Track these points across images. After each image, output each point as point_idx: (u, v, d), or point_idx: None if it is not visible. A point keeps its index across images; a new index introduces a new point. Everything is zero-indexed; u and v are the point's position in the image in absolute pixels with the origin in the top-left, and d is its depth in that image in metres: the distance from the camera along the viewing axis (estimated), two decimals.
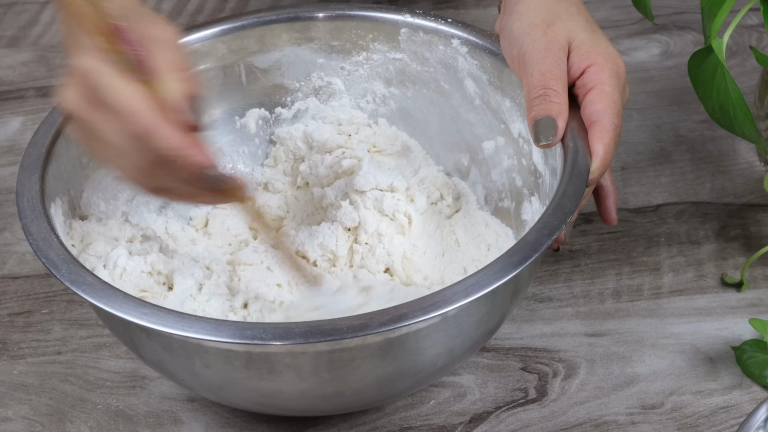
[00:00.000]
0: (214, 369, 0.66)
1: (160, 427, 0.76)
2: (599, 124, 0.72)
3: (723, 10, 0.78)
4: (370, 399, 0.71)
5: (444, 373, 0.74)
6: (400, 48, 0.85)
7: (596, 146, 0.71)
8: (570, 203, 0.68)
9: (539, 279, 0.85)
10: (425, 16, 0.83)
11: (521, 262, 0.65)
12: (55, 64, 1.09)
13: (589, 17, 0.76)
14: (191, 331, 0.62)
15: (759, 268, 0.85)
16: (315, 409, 0.72)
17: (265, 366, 0.65)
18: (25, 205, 0.71)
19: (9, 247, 0.90)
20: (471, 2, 1.15)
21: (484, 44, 0.81)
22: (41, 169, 0.73)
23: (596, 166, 0.71)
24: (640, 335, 0.81)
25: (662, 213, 0.90)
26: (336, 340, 0.62)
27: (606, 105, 0.72)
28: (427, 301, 0.63)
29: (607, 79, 0.73)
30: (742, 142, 0.95)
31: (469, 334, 0.68)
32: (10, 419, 0.77)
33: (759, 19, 1.09)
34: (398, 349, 0.65)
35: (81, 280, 0.66)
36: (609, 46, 0.75)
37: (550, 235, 0.66)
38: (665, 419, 0.75)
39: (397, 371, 0.67)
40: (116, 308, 0.64)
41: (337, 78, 0.87)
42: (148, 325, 0.63)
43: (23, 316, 0.84)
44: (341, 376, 0.66)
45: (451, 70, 0.84)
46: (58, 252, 0.68)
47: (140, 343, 0.68)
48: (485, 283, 0.64)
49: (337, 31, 0.85)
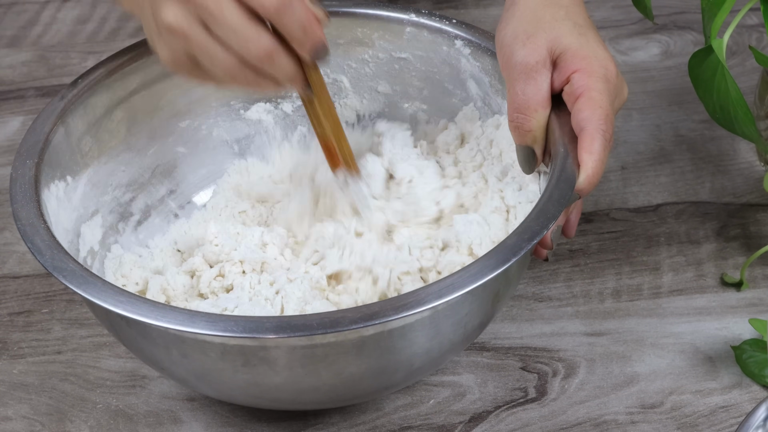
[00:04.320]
0: (190, 359, 0.67)
1: (160, 427, 0.76)
2: (586, 132, 0.70)
3: (723, 10, 0.78)
4: (347, 396, 0.72)
5: (423, 374, 0.74)
6: (404, 47, 0.85)
7: (583, 156, 0.70)
8: (554, 208, 0.68)
9: (539, 279, 0.85)
10: (430, 16, 0.84)
11: (499, 265, 0.65)
12: (55, 64, 1.09)
13: (580, 19, 0.74)
14: (164, 321, 0.63)
15: (759, 268, 0.85)
16: (291, 402, 0.72)
17: (240, 358, 0.66)
18: (17, 190, 0.72)
19: (9, 247, 0.90)
20: (471, 2, 1.15)
21: (486, 46, 0.81)
22: (37, 155, 0.74)
23: (583, 176, 0.69)
24: (639, 335, 0.81)
25: (662, 213, 0.90)
26: (306, 335, 0.63)
27: (592, 112, 0.70)
28: (400, 300, 0.63)
29: (594, 84, 0.71)
30: (742, 142, 0.95)
31: (447, 336, 0.68)
32: (10, 419, 0.77)
33: (759, 19, 1.09)
34: (372, 347, 0.66)
35: (63, 266, 0.67)
36: (598, 48, 0.73)
37: (530, 239, 0.66)
38: (665, 419, 0.75)
39: (373, 369, 0.68)
40: (94, 295, 0.65)
41: (344, 75, 0.88)
42: (124, 313, 0.64)
43: (23, 316, 0.84)
44: (315, 372, 0.66)
45: (455, 70, 0.84)
46: (43, 237, 0.69)
47: (121, 330, 0.69)
48: (460, 285, 0.64)
49: (344, 29, 0.85)
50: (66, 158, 0.77)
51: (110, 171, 0.82)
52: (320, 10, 0.67)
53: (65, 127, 0.77)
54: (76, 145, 0.78)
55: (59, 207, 0.75)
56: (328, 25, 0.69)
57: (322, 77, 0.73)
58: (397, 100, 0.88)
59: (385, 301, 0.64)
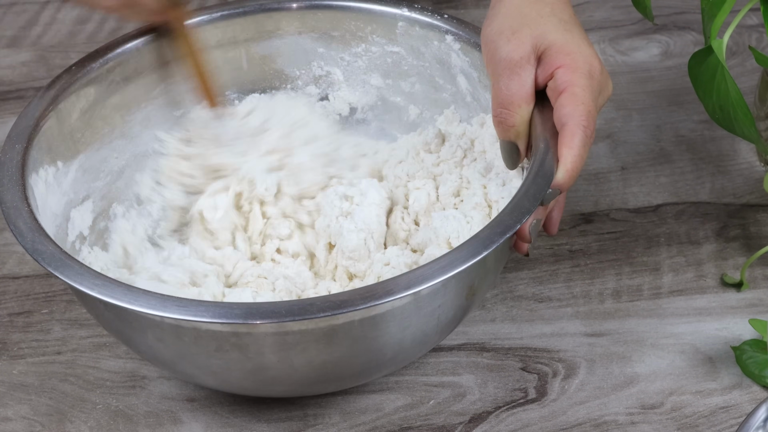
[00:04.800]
0: (166, 343, 0.68)
1: (159, 427, 0.76)
2: (567, 128, 0.70)
3: (723, 10, 0.78)
4: (320, 384, 0.72)
5: (398, 365, 0.74)
6: (397, 41, 0.86)
7: (563, 151, 0.70)
8: (529, 203, 0.68)
9: (539, 279, 0.85)
10: (422, 11, 0.85)
11: (470, 257, 0.65)
12: (55, 64, 1.09)
13: (566, 15, 0.75)
14: (137, 305, 0.64)
15: (759, 268, 0.85)
16: (265, 390, 0.73)
17: (213, 344, 0.66)
18: (3, 173, 0.73)
19: (9, 247, 0.90)
20: (471, 2, 1.15)
21: (476, 41, 0.82)
22: (26, 140, 0.75)
23: (562, 172, 0.70)
24: (639, 335, 0.81)
25: (662, 213, 0.90)
26: (274, 322, 0.63)
27: (574, 108, 0.71)
28: (369, 290, 0.64)
29: (578, 80, 0.71)
30: (742, 142, 0.95)
31: (419, 327, 0.69)
32: (9, 419, 0.77)
33: (759, 19, 1.09)
34: (343, 336, 0.66)
35: (42, 249, 0.68)
36: (583, 45, 0.73)
37: (503, 233, 0.66)
38: (665, 419, 0.75)
39: (344, 358, 0.68)
40: (71, 278, 0.66)
41: (337, 68, 0.88)
42: (100, 297, 0.65)
43: (23, 316, 0.84)
44: (287, 359, 0.67)
45: (445, 65, 0.85)
46: (26, 221, 0.70)
47: (100, 314, 0.70)
48: (429, 276, 0.65)
49: (337, 22, 0.86)
50: (57, 144, 0.78)
51: (103, 157, 0.83)
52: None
53: (57, 113, 0.78)
54: (68, 131, 0.79)
55: (48, 191, 0.76)
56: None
57: (184, 17, 0.83)
58: (389, 93, 0.89)
59: (355, 291, 0.64)
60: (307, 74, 0.89)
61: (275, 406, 0.77)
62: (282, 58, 0.88)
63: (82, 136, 0.80)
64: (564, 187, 0.70)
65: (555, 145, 0.71)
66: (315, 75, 0.89)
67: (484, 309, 0.83)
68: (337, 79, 0.89)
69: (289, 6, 0.86)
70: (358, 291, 0.64)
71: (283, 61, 0.88)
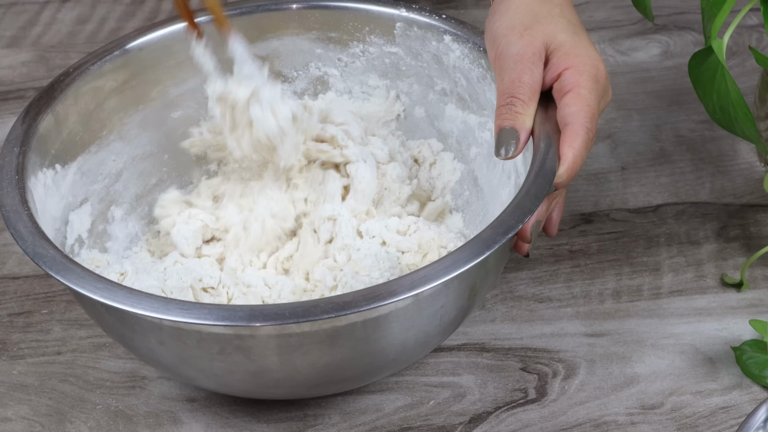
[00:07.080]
0: (167, 346, 0.68)
1: (159, 427, 0.76)
2: (570, 127, 0.71)
3: (723, 10, 0.78)
4: (322, 386, 0.72)
5: (400, 366, 0.74)
6: (395, 42, 0.86)
7: (565, 150, 0.70)
8: (530, 203, 0.68)
9: (539, 279, 0.85)
10: (420, 11, 0.85)
11: (472, 258, 0.65)
12: (55, 64, 1.09)
13: (574, 18, 0.75)
14: (140, 308, 0.64)
15: (759, 269, 0.85)
16: (267, 393, 0.73)
17: (215, 346, 0.66)
18: (2, 177, 0.73)
19: (9, 247, 0.90)
20: (471, 2, 1.15)
21: (474, 41, 0.82)
22: (25, 143, 0.75)
23: (563, 170, 0.70)
24: (639, 335, 0.81)
25: (662, 213, 0.90)
26: (278, 324, 0.63)
27: (579, 108, 0.71)
28: (373, 291, 0.64)
29: (584, 83, 0.72)
30: (742, 142, 0.95)
31: (422, 328, 0.69)
32: (9, 419, 0.77)
33: (759, 19, 1.09)
34: (346, 337, 0.66)
35: (44, 252, 0.68)
36: (590, 48, 0.74)
37: (505, 233, 0.66)
38: (665, 419, 0.75)
39: (347, 359, 0.68)
40: (73, 282, 0.66)
41: (335, 69, 0.88)
42: (102, 300, 0.65)
43: (23, 317, 0.84)
44: (290, 361, 0.67)
45: (443, 66, 0.85)
46: (26, 224, 0.70)
47: (102, 317, 0.70)
48: (432, 277, 0.65)
49: (335, 23, 0.86)
50: (55, 146, 0.78)
51: (101, 160, 0.83)
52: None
53: (55, 116, 0.78)
54: (66, 134, 0.79)
55: (46, 194, 0.76)
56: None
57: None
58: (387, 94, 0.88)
59: (358, 292, 0.64)
60: (305, 75, 0.89)
61: (275, 406, 0.77)
62: (280, 59, 0.88)
63: (80, 138, 0.80)
64: (561, 185, 0.71)
65: (556, 143, 0.71)
66: (313, 76, 0.89)
67: (484, 309, 0.83)
68: (335, 80, 0.89)
69: (288, 6, 0.86)
70: (361, 292, 0.64)
71: (281, 62, 0.88)
